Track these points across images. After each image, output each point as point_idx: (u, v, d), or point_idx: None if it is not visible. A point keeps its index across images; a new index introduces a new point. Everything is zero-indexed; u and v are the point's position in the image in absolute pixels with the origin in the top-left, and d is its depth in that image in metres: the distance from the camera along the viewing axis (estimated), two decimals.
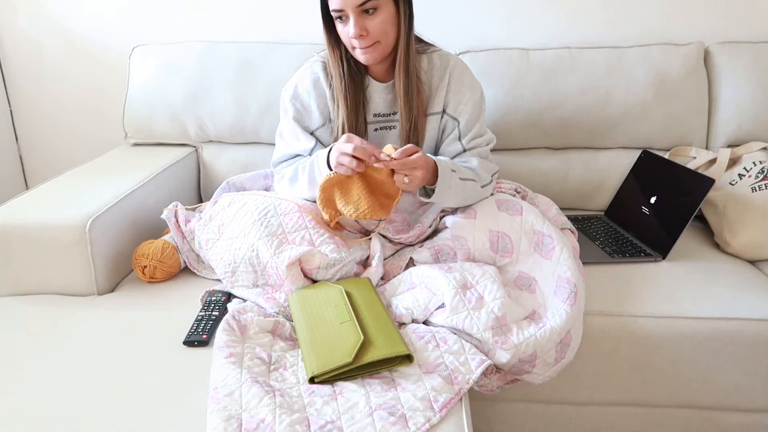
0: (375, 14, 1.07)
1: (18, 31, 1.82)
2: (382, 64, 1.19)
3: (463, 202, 1.18)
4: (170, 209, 1.27)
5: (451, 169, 1.11)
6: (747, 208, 1.33)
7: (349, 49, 1.14)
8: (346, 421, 0.79)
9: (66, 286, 1.17)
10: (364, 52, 1.11)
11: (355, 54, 1.13)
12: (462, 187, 1.13)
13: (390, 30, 1.10)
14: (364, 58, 1.12)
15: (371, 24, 1.07)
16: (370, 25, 1.08)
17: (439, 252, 1.15)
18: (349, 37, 1.09)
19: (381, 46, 1.11)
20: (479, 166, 1.19)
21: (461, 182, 1.13)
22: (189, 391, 0.87)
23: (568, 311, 1.01)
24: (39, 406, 0.84)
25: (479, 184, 1.17)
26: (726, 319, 1.11)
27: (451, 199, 1.14)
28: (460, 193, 1.14)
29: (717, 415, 1.18)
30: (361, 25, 1.07)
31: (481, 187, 1.18)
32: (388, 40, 1.11)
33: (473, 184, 1.16)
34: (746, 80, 1.52)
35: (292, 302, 1.03)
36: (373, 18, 1.07)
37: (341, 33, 1.12)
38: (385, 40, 1.11)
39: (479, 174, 1.18)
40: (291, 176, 1.21)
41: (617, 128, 1.56)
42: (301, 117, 1.23)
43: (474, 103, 1.22)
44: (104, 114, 1.89)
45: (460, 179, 1.13)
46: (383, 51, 1.12)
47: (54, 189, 1.30)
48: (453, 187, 1.11)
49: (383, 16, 1.08)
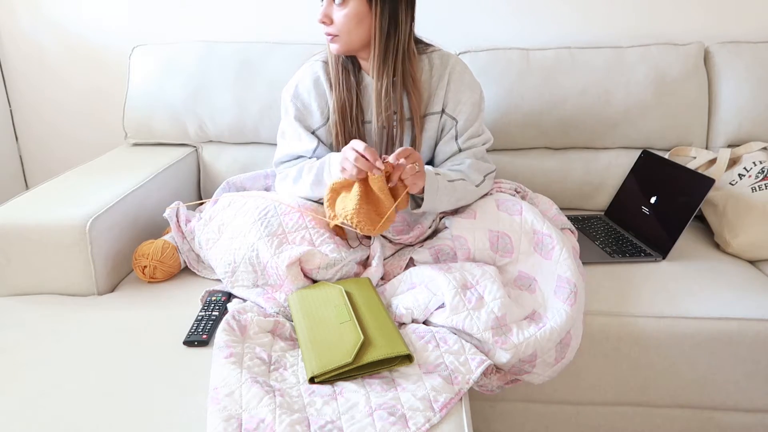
0: (342, 6, 1.09)
1: (18, 32, 1.82)
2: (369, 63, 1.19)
3: (457, 203, 1.18)
4: (172, 208, 1.27)
5: (435, 173, 1.12)
6: (747, 208, 1.33)
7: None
8: (346, 421, 0.79)
9: (66, 286, 1.17)
10: (329, 40, 1.13)
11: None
12: (452, 188, 1.14)
13: (354, 28, 1.11)
14: (331, 47, 1.15)
15: (336, 14, 1.10)
16: (335, 15, 1.10)
17: (439, 252, 1.15)
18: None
19: (341, 40, 1.12)
20: (469, 168, 1.19)
21: (450, 184, 1.13)
22: (189, 391, 0.87)
23: (568, 311, 1.01)
24: (39, 406, 0.84)
25: (471, 184, 1.18)
26: (726, 319, 1.11)
27: (443, 202, 1.14)
28: (452, 194, 1.14)
29: (717, 415, 1.18)
30: (326, 12, 1.10)
31: (475, 186, 1.18)
32: (351, 37, 1.12)
33: (463, 183, 1.16)
34: (746, 80, 1.52)
35: (292, 302, 1.03)
36: (339, 9, 1.10)
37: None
38: (345, 36, 1.12)
39: (468, 175, 1.19)
40: (295, 176, 1.21)
41: (617, 128, 1.56)
42: (302, 116, 1.23)
43: (473, 103, 1.22)
44: (104, 114, 1.89)
45: (447, 181, 1.13)
46: (346, 46, 1.13)
47: (54, 189, 1.30)
48: (442, 189, 1.12)
49: (349, 11, 1.09)
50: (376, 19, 1.10)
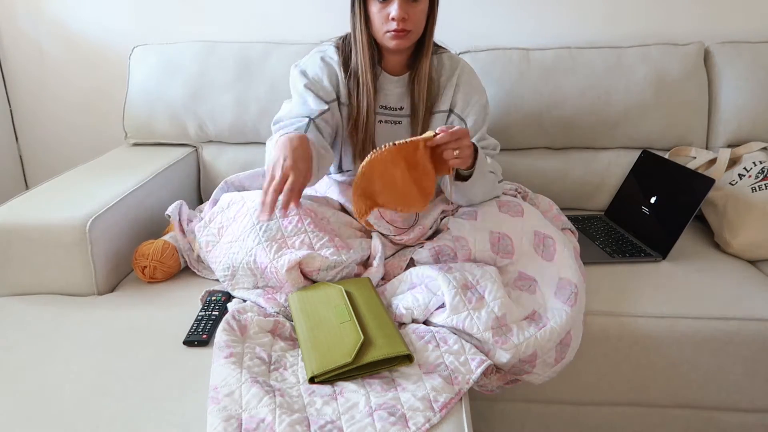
0: (418, 2, 1.10)
1: (18, 31, 1.82)
2: (400, 57, 1.20)
3: (484, 195, 1.19)
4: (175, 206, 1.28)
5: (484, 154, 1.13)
6: (747, 208, 1.33)
7: (378, 33, 1.14)
8: (346, 421, 0.79)
9: (66, 286, 1.17)
10: (396, 36, 1.11)
11: (384, 38, 1.13)
12: (488, 178, 1.15)
13: (422, 22, 1.14)
14: (394, 43, 1.12)
15: (413, 11, 1.10)
16: (412, 11, 1.10)
17: (440, 252, 1.15)
18: (390, 18, 1.09)
19: (412, 35, 1.13)
20: (493, 164, 1.21)
21: (488, 172, 1.15)
22: (189, 391, 0.87)
23: (569, 312, 1.01)
24: (39, 406, 0.84)
25: (497, 179, 1.20)
26: (726, 319, 1.11)
27: (479, 187, 1.15)
28: (487, 183, 1.16)
29: (717, 415, 1.18)
30: (404, 8, 1.09)
31: (498, 182, 1.21)
32: (419, 30, 1.14)
33: (493, 177, 1.18)
34: (746, 80, 1.52)
35: (292, 302, 1.03)
36: (416, 6, 1.10)
37: (377, 14, 1.11)
38: (417, 31, 1.13)
39: (495, 167, 1.21)
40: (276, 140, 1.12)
41: (617, 128, 1.56)
42: (314, 86, 1.20)
43: (481, 106, 1.24)
44: (104, 114, 1.89)
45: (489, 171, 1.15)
46: (412, 40, 1.14)
47: (54, 189, 1.30)
48: (484, 172, 1.12)
49: (423, 6, 1.11)
50: (434, 14, 1.15)
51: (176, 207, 1.28)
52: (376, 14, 1.11)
